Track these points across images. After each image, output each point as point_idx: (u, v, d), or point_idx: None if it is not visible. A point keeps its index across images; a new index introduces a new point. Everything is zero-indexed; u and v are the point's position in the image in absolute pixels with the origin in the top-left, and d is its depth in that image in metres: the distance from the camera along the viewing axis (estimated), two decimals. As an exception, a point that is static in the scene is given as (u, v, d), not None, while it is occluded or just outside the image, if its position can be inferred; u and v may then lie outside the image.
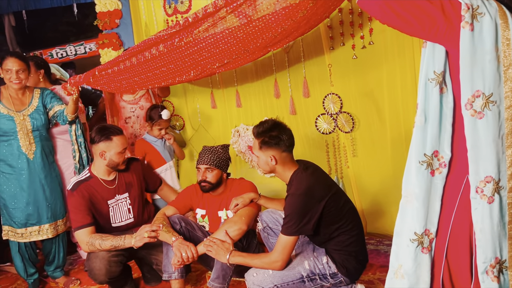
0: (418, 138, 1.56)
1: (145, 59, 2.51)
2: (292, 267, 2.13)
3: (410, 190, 1.60)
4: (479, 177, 1.48)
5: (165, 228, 2.45)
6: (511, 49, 1.44)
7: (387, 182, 3.04)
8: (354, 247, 2.15)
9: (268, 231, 2.51)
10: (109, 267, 2.45)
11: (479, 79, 1.45)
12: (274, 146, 2.15)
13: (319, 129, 3.19)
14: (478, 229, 1.51)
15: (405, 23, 1.47)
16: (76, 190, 2.58)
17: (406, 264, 1.62)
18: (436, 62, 1.51)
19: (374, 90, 2.94)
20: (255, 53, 2.58)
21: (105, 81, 2.75)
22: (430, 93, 1.52)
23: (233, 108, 3.55)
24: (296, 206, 2.06)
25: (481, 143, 1.46)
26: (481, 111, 1.46)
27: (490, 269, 1.50)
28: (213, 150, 2.63)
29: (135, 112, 3.57)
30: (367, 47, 2.88)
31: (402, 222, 1.64)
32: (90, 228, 2.51)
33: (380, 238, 3.17)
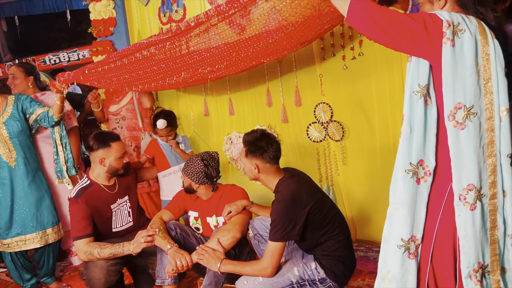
0: (404, 148, 1.61)
1: (136, 59, 2.54)
2: (281, 274, 2.17)
3: (397, 198, 1.65)
4: (461, 185, 1.54)
5: (161, 234, 2.47)
6: (490, 63, 1.51)
7: (376, 190, 3.10)
8: (342, 252, 2.20)
9: (258, 238, 2.54)
10: (108, 277, 2.46)
11: (461, 92, 1.51)
12: (259, 156, 2.20)
13: (310, 137, 3.25)
14: (461, 235, 1.57)
15: (390, 39, 1.54)
16: (80, 197, 2.56)
17: (393, 270, 1.67)
18: (421, 76, 1.58)
19: (364, 99, 3.01)
20: (247, 62, 2.62)
21: (95, 78, 2.76)
22: (415, 105, 1.58)
23: (226, 116, 3.59)
24: (281, 212, 2.11)
25: (463, 152, 1.53)
26: (463, 122, 1.52)
27: (474, 274, 1.56)
28: (191, 159, 2.63)
29: (119, 123, 3.60)
30: (357, 58, 2.95)
31: (390, 229, 1.69)
32: (90, 239, 2.50)
33: (369, 245, 3.22)
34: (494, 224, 1.56)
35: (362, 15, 1.53)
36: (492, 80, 1.51)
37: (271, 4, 2.11)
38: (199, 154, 2.66)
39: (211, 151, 2.73)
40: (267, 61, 2.66)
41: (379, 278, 1.73)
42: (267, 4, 2.12)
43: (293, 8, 2.13)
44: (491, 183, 1.54)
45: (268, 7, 2.13)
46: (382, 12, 1.50)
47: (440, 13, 1.50)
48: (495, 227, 1.56)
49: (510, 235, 1.57)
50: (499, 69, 1.50)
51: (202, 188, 2.64)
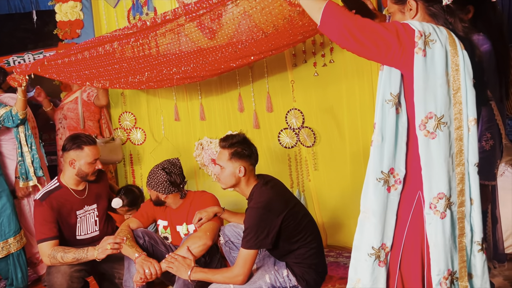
0: (375, 156, 1.62)
1: (97, 53, 2.45)
2: (253, 282, 2.15)
3: (368, 206, 1.65)
4: (432, 193, 1.56)
5: (129, 242, 2.41)
6: (459, 74, 1.54)
7: (347, 196, 3.13)
8: (314, 259, 2.20)
9: (230, 245, 2.51)
10: (71, 283, 2.38)
11: (432, 102, 1.54)
12: (246, 157, 2.20)
13: (282, 143, 3.25)
14: (432, 243, 1.58)
15: (363, 48, 1.55)
16: (45, 200, 2.49)
17: (364, 278, 1.67)
18: (392, 84, 1.59)
19: (334, 106, 3.05)
20: (215, 66, 2.58)
21: (54, 70, 2.66)
22: (386, 114, 1.60)
23: (197, 121, 3.55)
24: (254, 219, 2.09)
25: (434, 161, 1.55)
26: (434, 131, 1.54)
27: (444, 281, 1.58)
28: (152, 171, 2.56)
29: (62, 123, 3.51)
30: (327, 65, 2.98)
31: (361, 237, 1.69)
32: (54, 242, 2.43)
33: (339, 251, 3.24)
34: (462, 232, 1.59)
35: (335, 24, 1.53)
36: (461, 90, 1.54)
37: (241, 9, 2.10)
38: (159, 164, 2.58)
39: (171, 158, 2.67)
40: (236, 65, 2.63)
41: (349, 287, 1.73)
42: (237, 9, 2.11)
43: (264, 16, 2.12)
44: (459, 191, 1.57)
45: (238, 12, 2.12)
46: (355, 21, 1.51)
47: (412, 23, 1.53)
48: (463, 235, 1.60)
49: (477, 241, 1.60)
50: (467, 79, 1.54)
51: (170, 198, 2.59)
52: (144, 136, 3.79)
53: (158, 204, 2.63)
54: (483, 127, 2.03)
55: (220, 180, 2.25)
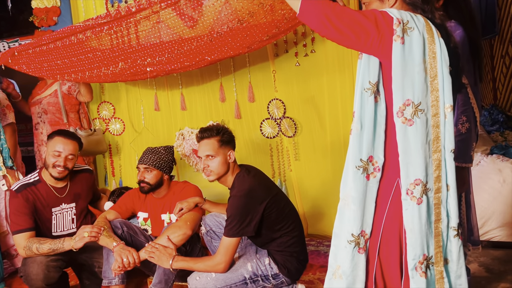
0: (354, 144, 1.64)
1: (70, 42, 2.40)
2: (235, 269, 2.15)
3: (347, 194, 1.67)
4: (409, 179, 1.59)
5: (106, 233, 2.38)
6: (436, 62, 1.57)
7: (327, 185, 3.16)
8: (295, 247, 2.22)
9: (211, 235, 2.51)
10: (47, 272, 2.34)
11: (409, 89, 1.56)
12: (231, 143, 2.23)
13: (264, 133, 3.25)
14: (408, 228, 1.61)
15: (342, 36, 1.56)
16: (21, 192, 2.46)
17: (344, 265, 1.69)
18: (371, 73, 1.61)
19: (315, 96, 3.06)
20: (190, 58, 2.54)
21: (24, 61, 2.59)
22: (365, 102, 1.61)
23: (178, 111, 3.52)
24: (237, 207, 2.10)
25: (411, 148, 1.57)
26: (411, 118, 1.57)
27: (419, 265, 1.61)
28: (154, 151, 2.61)
29: (42, 117, 3.44)
30: (309, 55, 2.99)
31: (341, 224, 1.70)
32: (30, 233, 2.39)
33: (320, 239, 3.28)
34: (439, 217, 1.63)
35: (314, 12, 1.54)
36: (438, 77, 1.57)
37: None
38: (158, 147, 2.64)
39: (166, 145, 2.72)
40: (211, 59, 2.58)
41: (329, 273, 1.75)
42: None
43: (240, 1, 2.10)
44: (436, 177, 1.60)
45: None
46: (334, 9, 1.52)
47: (390, 10, 1.54)
48: (439, 220, 1.63)
49: (453, 227, 1.64)
50: (444, 67, 1.57)
51: (166, 180, 2.63)
52: (123, 126, 3.74)
53: (152, 189, 2.60)
54: (459, 110, 2.08)
55: (212, 172, 2.21)
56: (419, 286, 1.61)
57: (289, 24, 2.40)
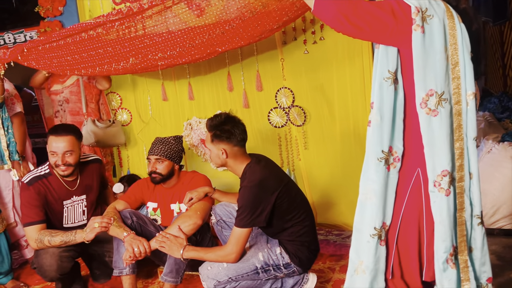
0: (375, 136, 1.60)
1: (81, 38, 2.38)
2: (246, 259, 2.15)
3: (369, 187, 1.63)
4: (436, 171, 1.55)
5: (116, 223, 2.38)
6: (457, 48, 1.52)
7: (337, 174, 3.14)
8: (307, 237, 2.20)
9: (221, 224, 2.51)
10: (60, 263, 2.36)
11: (432, 79, 1.52)
12: (226, 140, 2.15)
13: (272, 122, 3.23)
14: (437, 221, 1.58)
15: (358, 31, 1.52)
16: (33, 185, 2.46)
17: (367, 260, 1.66)
18: (390, 61, 1.56)
19: (325, 84, 3.02)
20: (201, 50, 2.52)
21: (34, 58, 2.57)
22: (385, 92, 1.57)
23: (185, 101, 3.49)
24: (248, 198, 2.08)
25: (436, 139, 1.53)
26: (435, 109, 1.52)
27: (450, 258, 1.59)
28: (164, 141, 2.59)
29: (63, 105, 3.43)
30: (318, 43, 2.94)
31: (362, 219, 1.67)
32: (41, 226, 2.40)
33: (329, 229, 3.27)
34: (462, 206, 1.60)
35: (329, 8, 1.49)
36: (460, 64, 1.53)
37: None
38: (167, 137, 2.63)
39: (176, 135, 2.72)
40: (222, 50, 2.55)
41: (350, 270, 1.72)
42: None
43: None
44: (458, 166, 1.57)
45: None
46: (350, 5, 1.47)
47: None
48: (463, 209, 1.60)
49: (476, 215, 1.61)
50: (466, 53, 1.52)
51: (177, 170, 2.63)
52: (130, 117, 3.72)
53: (164, 179, 2.59)
54: None
55: (211, 160, 2.25)
56: (451, 278, 1.58)
57: (299, 11, 2.36)
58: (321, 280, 2.49)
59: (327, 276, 2.58)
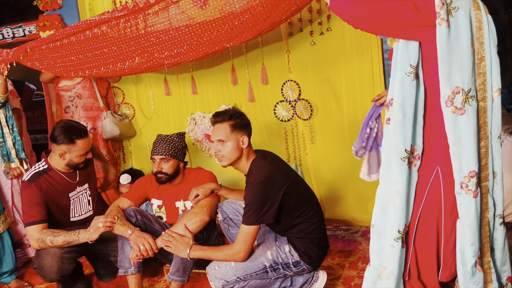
0: (397, 135, 1.52)
1: (85, 37, 2.33)
2: (254, 258, 2.09)
3: (391, 188, 1.56)
4: (463, 172, 1.48)
5: (120, 221, 2.33)
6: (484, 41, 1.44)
7: (344, 169, 3.08)
8: (316, 234, 2.15)
9: (228, 222, 2.45)
10: (61, 264, 2.31)
11: (458, 75, 1.44)
12: (246, 127, 2.14)
13: (278, 116, 3.16)
14: (465, 223, 1.51)
15: (378, 27, 1.45)
16: (35, 182, 2.41)
17: (392, 265, 1.59)
18: (411, 55, 1.48)
19: (332, 77, 2.95)
20: (209, 47, 2.45)
21: (37, 58, 2.52)
22: (407, 88, 1.49)
23: (189, 95, 3.42)
24: (255, 194, 2.02)
25: (463, 139, 1.46)
26: (462, 107, 1.45)
27: (478, 261, 1.53)
28: (167, 139, 2.52)
29: (74, 101, 3.38)
30: (325, 34, 2.86)
31: (385, 222, 1.60)
32: (43, 225, 2.35)
33: (337, 224, 3.21)
34: (486, 207, 1.54)
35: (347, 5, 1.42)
36: (486, 59, 1.45)
37: None
38: (170, 135, 2.56)
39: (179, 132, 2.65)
40: (230, 45, 2.48)
41: (373, 276, 1.64)
42: None
43: None
44: (483, 165, 1.50)
45: None
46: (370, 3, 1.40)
47: None
48: (487, 210, 1.54)
49: (499, 215, 1.56)
50: (492, 47, 1.44)
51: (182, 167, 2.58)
52: (133, 112, 3.66)
53: (174, 176, 2.53)
54: None
55: (224, 157, 2.13)
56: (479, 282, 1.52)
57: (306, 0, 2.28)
58: (330, 278, 2.44)
59: (336, 273, 2.52)
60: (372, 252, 1.64)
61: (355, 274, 2.49)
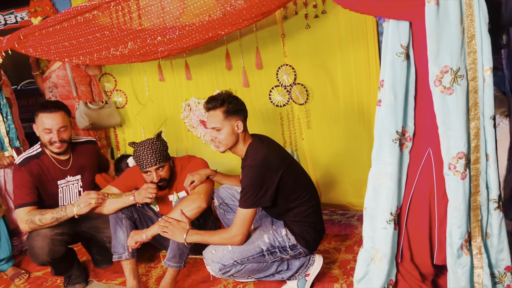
0: (388, 117, 1.51)
1: (77, 22, 2.34)
2: (251, 242, 2.09)
3: (383, 171, 1.56)
4: (451, 153, 1.47)
5: (114, 196, 2.34)
6: (474, 20, 1.42)
7: (340, 154, 3.07)
8: (312, 217, 2.14)
9: (224, 207, 2.45)
10: (52, 246, 2.30)
11: (446, 54, 1.42)
12: (240, 112, 2.11)
13: (273, 101, 3.14)
14: (453, 206, 1.50)
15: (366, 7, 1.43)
16: (25, 166, 2.40)
17: (385, 247, 1.60)
18: (402, 35, 1.47)
19: (327, 60, 2.92)
20: (202, 33, 2.42)
21: (31, 44, 2.53)
22: (398, 68, 1.47)
23: (183, 81, 3.39)
24: (252, 177, 2.02)
25: (452, 119, 1.45)
26: (450, 86, 1.43)
27: (465, 244, 1.52)
28: (152, 147, 2.38)
29: (53, 91, 3.35)
30: (320, 17, 2.83)
31: (376, 205, 1.59)
32: (32, 207, 2.34)
33: (333, 208, 3.22)
34: (477, 190, 1.52)
35: None
36: (476, 37, 1.42)
37: None
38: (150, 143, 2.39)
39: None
40: (225, 33, 2.45)
41: (366, 259, 1.65)
42: None
43: None
44: (474, 147, 1.49)
45: None
46: None
47: None
48: (478, 193, 1.53)
49: (493, 199, 1.54)
50: (483, 25, 1.42)
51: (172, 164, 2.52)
52: (125, 99, 3.62)
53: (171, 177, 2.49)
54: None
55: (221, 143, 2.11)
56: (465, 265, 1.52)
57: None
58: (327, 261, 2.45)
59: (332, 257, 2.53)
60: (365, 234, 1.64)
61: (351, 257, 2.50)
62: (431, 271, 1.67)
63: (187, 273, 2.53)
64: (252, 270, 2.11)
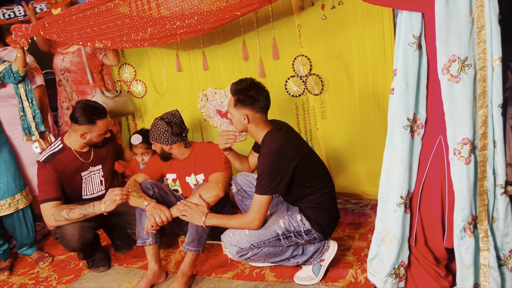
0: (400, 104, 1.56)
1: (99, 10, 2.46)
2: (267, 226, 2.15)
3: (394, 156, 1.61)
4: (456, 139, 1.52)
5: (136, 193, 2.41)
6: (484, 10, 1.45)
7: (355, 144, 3.10)
8: (327, 204, 2.20)
9: (242, 194, 2.51)
10: (82, 233, 2.40)
11: (455, 44, 1.46)
12: (249, 105, 2.14)
13: (289, 91, 3.18)
14: (456, 189, 1.56)
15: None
16: (49, 162, 2.49)
17: (395, 229, 1.66)
18: (415, 25, 1.51)
19: (343, 51, 2.95)
20: (220, 17, 2.48)
21: (55, 31, 2.63)
22: (410, 58, 1.52)
23: (200, 71, 3.44)
24: (268, 166, 2.07)
25: (458, 106, 1.49)
26: (458, 75, 1.47)
27: (468, 226, 1.57)
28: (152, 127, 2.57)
29: (64, 74, 3.42)
30: (336, 7, 2.85)
31: (387, 189, 1.65)
32: (57, 202, 2.44)
33: (347, 197, 3.26)
34: (484, 175, 1.57)
35: None
36: (486, 28, 1.45)
37: None
38: (159, 117, 2.56)
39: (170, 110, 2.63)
40: (241, 13, 2.51)
41: (377, 240, 1.71)
42: None
43: None
44: (481, 134, 1.53)
45: None
46: None
47: None
48: (484, 178, 1.57)
49: (500, 185, 1.58)
50: (493, 15, 1.44)
51: (174, 148, 2.57)
52: (145, 88, 3.69)
53: (165, 157, 2.60)
54: None
55: (233, 125, 2.22)
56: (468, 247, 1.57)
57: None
58: (341, 248, 2.50)
59: (346, 244, 2.58)
60: (377, 217, 1.70)
61: (365, 245, 2.54)
62: (445, 255, 1.72)
63: (205, 258, 2.61)
64: (268, 254, 2.17)
